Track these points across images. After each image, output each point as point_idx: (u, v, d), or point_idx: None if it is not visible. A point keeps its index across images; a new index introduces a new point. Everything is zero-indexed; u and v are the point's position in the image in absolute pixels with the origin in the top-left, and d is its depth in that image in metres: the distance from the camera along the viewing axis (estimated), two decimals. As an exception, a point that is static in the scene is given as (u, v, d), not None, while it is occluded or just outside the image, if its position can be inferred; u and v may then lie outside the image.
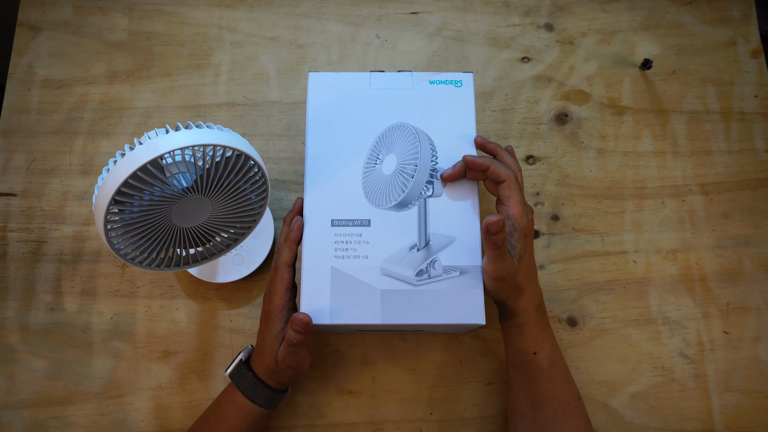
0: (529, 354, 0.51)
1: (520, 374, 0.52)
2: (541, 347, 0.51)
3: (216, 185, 0.45)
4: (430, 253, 0.50)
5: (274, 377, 0.51)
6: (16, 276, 0.63)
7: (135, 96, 0.69)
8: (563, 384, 0.52)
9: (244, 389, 0.51)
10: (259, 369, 0.52)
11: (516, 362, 0.53)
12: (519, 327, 0.52)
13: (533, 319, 0.51)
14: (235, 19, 0.72)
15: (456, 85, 0.55)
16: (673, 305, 0.62)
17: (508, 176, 0.50)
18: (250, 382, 0.51)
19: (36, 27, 0.71)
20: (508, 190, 0.50)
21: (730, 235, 0.64)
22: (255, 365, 0.52)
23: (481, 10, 0.72)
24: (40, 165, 0.66)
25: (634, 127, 0.68)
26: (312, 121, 0.54)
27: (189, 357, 0.60)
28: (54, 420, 0.58)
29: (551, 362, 0.52)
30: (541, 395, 0.51)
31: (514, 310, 0.51)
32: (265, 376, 0.52)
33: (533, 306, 0.51)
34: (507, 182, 0.50)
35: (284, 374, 0.51)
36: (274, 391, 0.52)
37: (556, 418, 0.51)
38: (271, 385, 0.52)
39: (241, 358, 0.53)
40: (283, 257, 0.50)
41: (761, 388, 0.60)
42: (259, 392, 0.51)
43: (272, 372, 0.51)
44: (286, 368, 0.50)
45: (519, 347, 0.52)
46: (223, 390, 0.54)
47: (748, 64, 0.70)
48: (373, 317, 0.48)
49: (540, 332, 0.52)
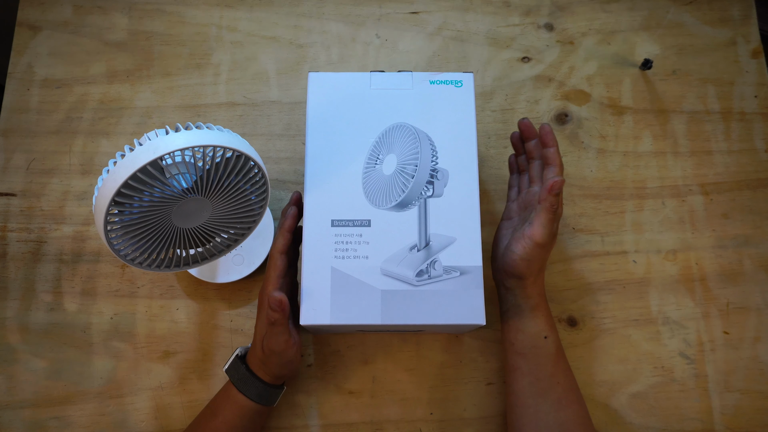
0: (541, 338, 0.52)
1: (526, 361, 0.53)
2: (551, 333, 0.53)
3: (216, 186, 0.45)
4: (430, 254, 0.50)
5: (264, 369, 0.52)
6: (16, 276, 0.63)
7: (135, 96, 0.69)
8: (567, 372, 0.53)
9: (237, 383, 0.52)
10: (253, 362, 0.52)
11: (524, 348, 0.53)
12: (533, 310, 0.53)
13: (545, 305, 0.54)
14: (235, 18, 0.72)
15: (456, 85, 0.55)
16: (673, 305, 0.62)
17: (561, 165, 0.54)
18: (243, 375, 0.52)
19: (36, 26, 0.71)
20: (556, 175, 0.53)
21: (730, 235, 0.64)
22: (249, 359, 0.53)
23: (481, 10, 0.72)
24: (40, 165, 0.66)
25: (634, 127, 0.68)
26: (312, 121, 0.54)
27: (189, 357, 0.60)
28: (54, 420, 0.58)
29: (557, 348, 0.53)
30: (546, 381, 0.52)
31: (531, 292, 0.53)
32: (257, 368, 0.52)
33: (543, 294, 0.54)
34: (557, 169, 0.53)
35: (271, 362, 0.51)
36: (266, 386, 0.52)
37: (560, 404, 0.51)
38: (264, 379, 0.52)
39: (238, 353, 0.54)
40: (277, 245, 0.51)
41: (761, 388, 0.60)
42: (251, 386, 0.52)
43: (261, 362, 0.51)
44: (270, 354, 0.50)
45: (531, 331, 0.53)
46: (223, 386, 0.54)
47: (748, 64, 0.70)
48: (373, 317, 0.48)
49: (550, 318, 0.54)
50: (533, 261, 0.52)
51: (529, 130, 0.57)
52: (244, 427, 0.53)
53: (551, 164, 0.54)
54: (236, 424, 0.52)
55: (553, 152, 0.54)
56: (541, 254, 0.52)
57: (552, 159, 0.54)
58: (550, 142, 0.54)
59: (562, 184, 0.50)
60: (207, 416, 0.53)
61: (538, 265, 0.52)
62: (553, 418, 0.50)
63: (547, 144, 0.54)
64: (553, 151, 0.54)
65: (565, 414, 0.51)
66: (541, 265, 0.53)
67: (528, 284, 0.53)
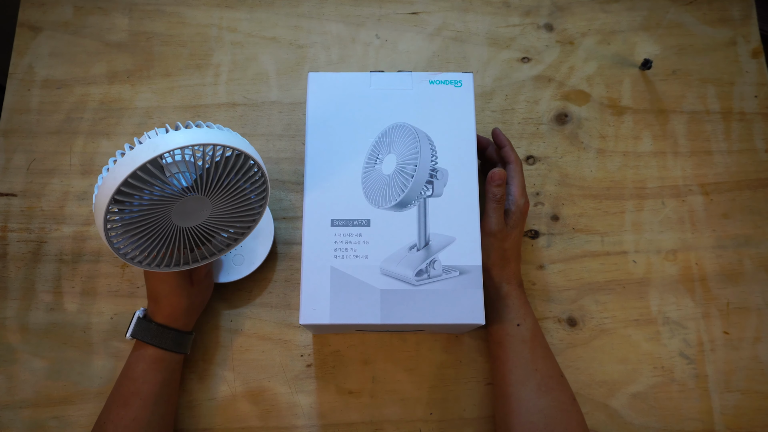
0: (513, 325, 0.54)
1: (503, 350, 0.54)
2: (524, 320, 0.54)
3: (216, 185, 0.45)
4: (429, 253, 0.50)
5: (173, 320, 0.55)
6: (16, 276, 0.63)
7: (135, 96, 0.69)
8: (545, 359, 0.54)
9: (151, 340, 0.54)
10: (161, 317, 0.55)
11: (500, 337, 0.54)
12: (504, 299, 0.55)
13: (517, 292, 0.55)
14: (235, 19, 0.72)
15: (456, 85, 0.55)
16: (673, 305, 0.62)
17: (518, 160, 0.58)
18: (155, 330, 0.54)
19: (36, 27, 0.71)
20: (513, 171, 0.57)
21: (730, 235, 0.64)
22: (155, 317, 0.55)
23: (481, 10, 0.72)
24: (40, 165, 0.66)
25: (634, 127, 0.68)
26: (312, 121, 0.54)
27: (189, 357, 0.60)
28: (54, 420, 0.58)
29: (533, 335, 0.54)
30: (523, 368, 0.52)
31: (500, 280, 0.55)
32: (168, 321, 0.55)
33: (516, 282, 0.56)
34: (515, 165, 0.57)
35: (199, 292, 0.56)
36: (180, 333, 0.55)
37: (540, 391, 0.51)
38: (177, 328, 0.55)
39: (139, 315, 0.55)
40: None
41: (761, 388, 0.60)
42: (167, 337, 0.54)
43: (170, 315, 0.54)
44: (204, 278, 0.57)
45: (503, 319, 0.54)
46: (129, 356, 0.55)
47: (748, 64, 0.70)
48: (372, 317, 0.48)
49: (523, 306, 0.55)
50: (489, 251, 0.54)
51: (498, 138, 0.61)
52: (172, 380, 0.55)
53: (509, 162, 0.58)
54: (158, 380, 0.53)
55: (507, 150, 0.59)
56: (495, 243, 0.54)
57: (507, 157, 0.58)
58: (501, 142, 0.60)
59: (503, 175, 0.55)
60: (126, 385, 0.53)
61: (497, 254, 0.55)
62: (533, 405, 0.51)
63: (501, 144, 0.60)
64: (507, 149, 0.59)
65: (545, 401, 0.51)
66: (501, 254, 0.55)
67: (494, 275, 0.55)
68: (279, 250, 0.64)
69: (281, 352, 0.60)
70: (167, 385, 0.54)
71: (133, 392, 0.52)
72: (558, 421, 0.50)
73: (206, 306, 0.61)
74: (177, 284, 0.54)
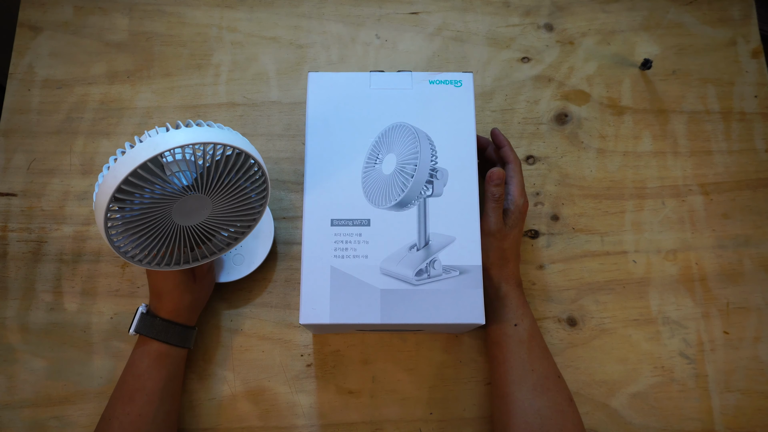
0: (510, 325, 0.54)
1: (501, 350, 0.54)
2: (522, 320, 0.54)
3: (216, 183, 0.45)
4: (429, 253, 0.50)
5: (177, 315, 0.55)
6: (16, 276, 0.63)
7: (135, 96, 0.69)
8: (542, 359, 0.54)
9: (156, 335, 0.54)
10: (165, 313, 0.55)
11: (497, 337, 0.54)
12: (502, 299, 0.55)
13: (515, 292, 0.55)
14: (235, 19, 0.72)
15: (456, 85, 0.55)
16: (673, 305, 0.62)
17: (517, 160, 0.58)
18: (160, 326, 0.54)
19: (36, 27, 0.71)
20: (512, 171, 0.57)
21: (730, 235, 0.64)
22: (159, 313, 0.55)
23: (481, 10, 0.73)
24: (41, 165, 0.66)
25: (634, 127, 0.68)
26: (312, 121, 0.54)
27: (189, 357, 0.60)
28: (54, 420, 0.58)
29: (531, 335, 0.54)
30: (520, 369, 0.52)
31: (498, 280, 0.55)
32: (172, 316, 0.55)
33: (515, 282, 0.56)
34: (514, 164, 0.57)
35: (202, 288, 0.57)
36: (185, 328, 0.56)
37: (536, 391, 0.51)
38: (181, 323, 0.55)
39: (142, 311, 0.55)
40: None
41: (761, 388, 0.60)
42: (172, 332, 0.54)
43: (174, 311, 0.54)
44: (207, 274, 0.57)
45: (501, 319, 0.54)
46: (132, 353, 0.55)
47: (748, 64, 0.70)
48: (372, 317, 0.48)
49: (521, 306, 0.55)
50: (488, 250, 0.54)
51: (497, 138, 0.60)
52: (176, 376, 0.55)
53: (508, 162, 0.58)
54: (162, 375, 0.53)
55: (506, 150, 0.59)
56: (494, 243, 0.55)
57: (506, 157, 0.58)
58: (500, 142, 0.59)
59: (502, 175, 0.55)
60: (130, 382, 0.53)
61: (495, 254, 0.55)
62: (528, 406, 0.51)
63: (500, 144, 0.59)
64: (505, 149, 0.59)
65: (541, 401, 0.51)
66: (500, 253, 0.55)
67: (492, 274, 0.55)
68: (279, 250, 0.64)
69: (281, 352, 0.60)
70: (172, 381, 0.54)
71: (137, 388, 0.52)
72: (554, 422, 0.50)
73: (206, 306, 0.61)
74: (180, 280, 0.54)
